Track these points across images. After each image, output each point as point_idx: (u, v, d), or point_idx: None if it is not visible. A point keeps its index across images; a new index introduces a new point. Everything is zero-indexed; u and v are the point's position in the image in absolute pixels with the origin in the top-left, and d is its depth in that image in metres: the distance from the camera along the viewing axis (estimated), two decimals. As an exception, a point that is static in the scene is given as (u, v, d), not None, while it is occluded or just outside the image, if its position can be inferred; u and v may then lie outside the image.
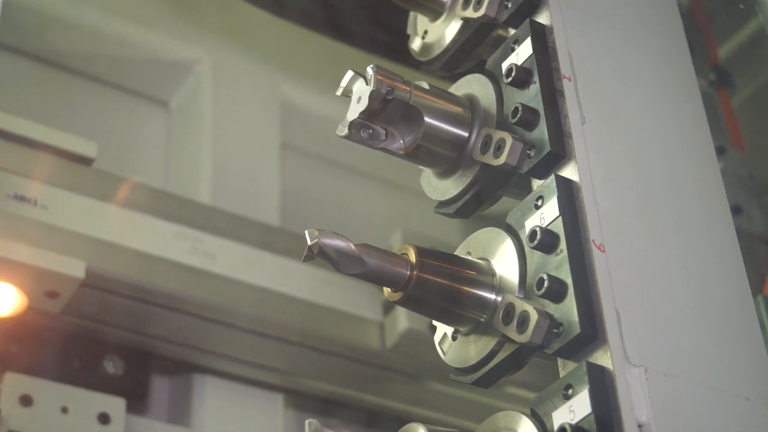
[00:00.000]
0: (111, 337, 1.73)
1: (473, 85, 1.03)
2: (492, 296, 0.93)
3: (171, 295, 1.72)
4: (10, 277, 1.56)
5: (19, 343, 1.63)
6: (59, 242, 1.61)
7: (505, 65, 0.99)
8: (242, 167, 2.07)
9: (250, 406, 1.84)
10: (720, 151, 1.66)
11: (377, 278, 0.92)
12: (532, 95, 0.96)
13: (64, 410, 1.57)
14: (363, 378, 1.90)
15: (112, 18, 2.07)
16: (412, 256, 0.92)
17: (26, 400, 1.54)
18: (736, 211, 1.69)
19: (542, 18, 1.01)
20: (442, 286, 0.93)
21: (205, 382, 1.83)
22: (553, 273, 0.88)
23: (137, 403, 1.74)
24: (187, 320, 1.74)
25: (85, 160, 1.73)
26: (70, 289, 1.59)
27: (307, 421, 0.82)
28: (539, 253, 0.90)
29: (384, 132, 0.98)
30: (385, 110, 0.96)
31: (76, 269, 1.58)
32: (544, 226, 0.91)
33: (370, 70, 0.96)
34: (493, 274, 0.94)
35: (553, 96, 0.96)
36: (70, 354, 1.68)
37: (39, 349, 1.65)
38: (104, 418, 1.59)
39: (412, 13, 1.14)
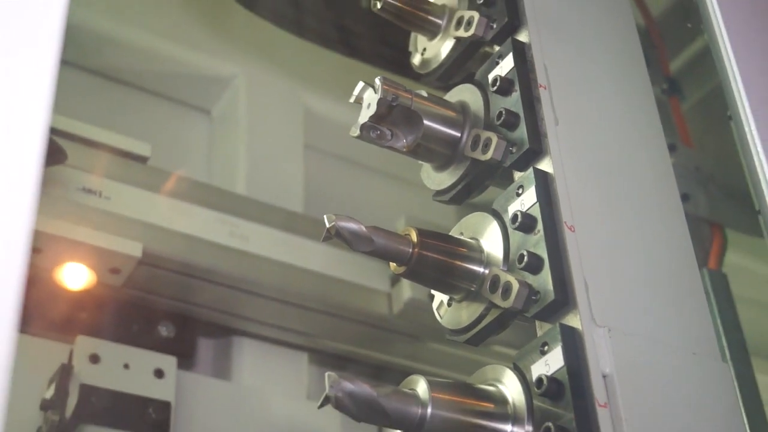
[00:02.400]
0: (164, 306, 1.73)
1: (464, 93, 1.03)
2: (481, 269, 0.93)
3: (213, 270, 1.72)
4: (81, 257, 1.57)
5: (89, 311, 1.63)
6: (120, 227, 1.61)
7: (491, 76, 1.00)
8: (272, 164, 2.07)
9: (281, 362, 1.85)
10: (671, 148, 1.65)
11: (384, 255, 0.92)
12: (513, 101, 0.96)
13: (126, 366, 1.57)
14: (373, 339, 1.90)
15: (162, 39, 2.07)
16: (414, 236, 0.93)
17: (94, 359, 1.55)
18: (684, 198, 1.68)
19: (522, 36, 1.01)
20: (439, 261, 0.93)
21: (243, 343, 1.83)
22: (531, 250, 0.88)
23: (186, 360, 1.74)
24: (226, 291, 1.75)
25: (140, 159, 1.73)
26: (129, 266, 1.60)
27: (326, 374, 0.82)
28: (520, 233, 0.91)
29: (390, 133, 0.98)
30: (390, 115, 0.96)
31: (135, 250, 1.59)
32: (524, 210, 0.91)
33: (377, 81, 0.96)
34: (481, 251, 0.94)
35: (531, 102, 0.96)
36: (131, 320, 1.68)
37: (105, 316, 1.66)
38: (159, 373, 1.60)
39: (413, 34, 1.14)
